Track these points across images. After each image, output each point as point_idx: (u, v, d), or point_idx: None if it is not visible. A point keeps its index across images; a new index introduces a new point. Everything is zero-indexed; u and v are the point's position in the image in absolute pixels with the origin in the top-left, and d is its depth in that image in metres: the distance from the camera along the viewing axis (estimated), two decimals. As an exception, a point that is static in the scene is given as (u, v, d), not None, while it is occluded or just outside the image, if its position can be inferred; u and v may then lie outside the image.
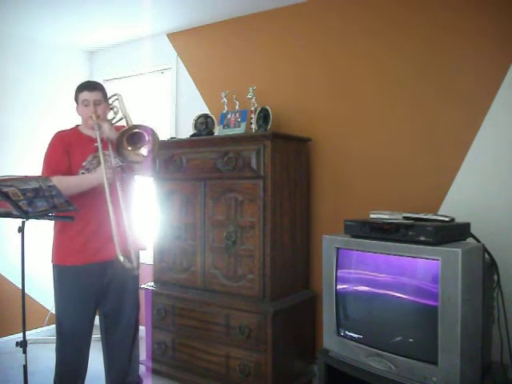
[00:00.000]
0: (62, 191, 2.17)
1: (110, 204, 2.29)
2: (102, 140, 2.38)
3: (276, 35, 3.42)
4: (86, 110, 2.44)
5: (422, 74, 2.83)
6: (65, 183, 2.27)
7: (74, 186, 2.34)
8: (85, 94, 2.44)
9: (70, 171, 2.40)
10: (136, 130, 2.31)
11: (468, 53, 2.68)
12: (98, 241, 2.39)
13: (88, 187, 2.36)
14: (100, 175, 2.33)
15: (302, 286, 3.15)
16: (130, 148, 2.32)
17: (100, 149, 2.34)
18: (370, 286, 2.27)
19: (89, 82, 2.61)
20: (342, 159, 3.12)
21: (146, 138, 2.32)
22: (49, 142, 2.47)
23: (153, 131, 2.32)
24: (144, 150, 2.33)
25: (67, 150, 2.41)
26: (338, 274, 2.39)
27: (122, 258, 2.25)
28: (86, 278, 2.41)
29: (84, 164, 2.43)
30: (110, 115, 2.61)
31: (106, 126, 2.42)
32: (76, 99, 2.49)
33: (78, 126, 2.56)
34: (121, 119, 2.57)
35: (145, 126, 2.32)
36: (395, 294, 2.16)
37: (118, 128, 2.55)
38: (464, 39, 2.69)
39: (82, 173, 2.42)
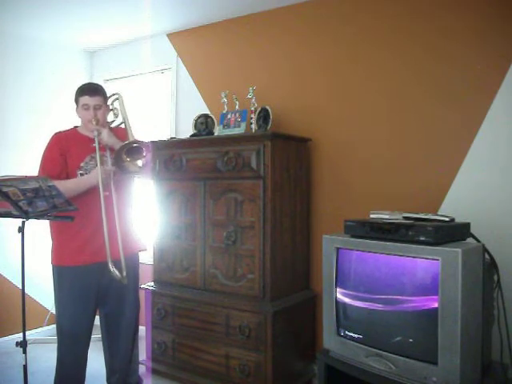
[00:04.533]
0: None
1: (103, 204, 2.34)
2: (100, 144, 2.42)
3: (276, 35, 3.42)
4: (86, 113, 2.45)
5: (421, 75, 2.83)
6: (61, 188, 2.26)
7: (71, 189, 2.34)
8: (85, 99, 2.44)
9: (66, 173, 2.42)
10: (135, 145, 2.40)
11: (468, 53, 2.67)
12: (98, 241, 2.39)
13: (84, 189, 2.38)
14: (95, 176, 2.36)
15: (302, 286, 3.15)
16: (128, 159, 2.40)
17: (97, 151, 2.37)
18: (370, 286, 2.27)
19: (90, 85, 2.58)
20: (342, 159, 3.12)
21: (144, 153, 2.40)
22: (47, 143, 2.48)
23: (151, 148, 2.45)
24: (140, 162, 2.42)
25: (64, 151, 2.43)
26: (338, 273, 2.39)
27: (111, 269, 2.30)
28: (85, 278, 2.42)
29: (82, 165, 2.43)
30: (110, 117, 2.62)
31: (104, 133, 2.44)
32: (76, 101, 2.49)
33: (76, 127, 2.57)
34: (121, 123, 2.59)
35: (144, 143, 2.40)
36: (395, 294, 2.16)
37: (116, 130, 2.56)
38: (463, 41, 2.69)
39: (80, 173, 2.43)
